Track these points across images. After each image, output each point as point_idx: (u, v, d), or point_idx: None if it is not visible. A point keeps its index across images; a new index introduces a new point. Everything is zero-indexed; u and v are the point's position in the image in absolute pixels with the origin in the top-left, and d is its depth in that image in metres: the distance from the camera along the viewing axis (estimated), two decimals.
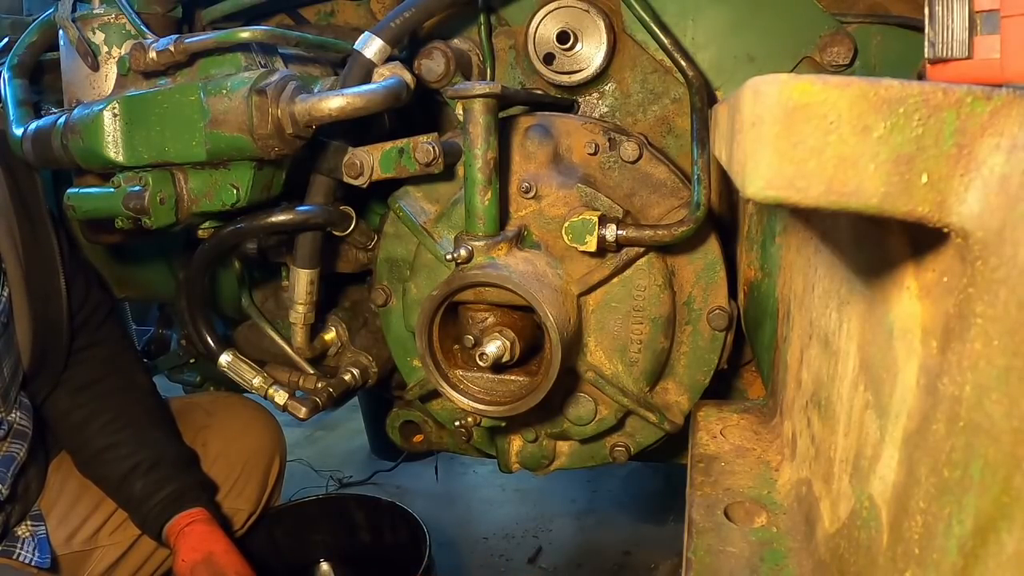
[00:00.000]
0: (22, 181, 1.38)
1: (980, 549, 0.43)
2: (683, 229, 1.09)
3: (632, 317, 1.19)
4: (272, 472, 1.76)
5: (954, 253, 0.46)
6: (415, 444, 1.60)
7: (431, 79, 1.27)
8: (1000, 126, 0.42)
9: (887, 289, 0.56)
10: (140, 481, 1.46)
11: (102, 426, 1.50)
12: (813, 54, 1.23)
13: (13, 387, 1.36)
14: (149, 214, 1.12)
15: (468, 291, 1.05)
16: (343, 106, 1.01)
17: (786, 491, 0.79)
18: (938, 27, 0.57)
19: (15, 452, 1.36)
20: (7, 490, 1.34)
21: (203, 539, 1.43)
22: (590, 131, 1.20)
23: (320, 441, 3.53)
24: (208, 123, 1.06)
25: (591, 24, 1.27)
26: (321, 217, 1.23)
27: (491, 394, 1.10)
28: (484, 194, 1.05)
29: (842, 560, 0.60)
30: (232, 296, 1.60)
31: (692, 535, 0.73)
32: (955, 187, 0.43)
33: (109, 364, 1.56)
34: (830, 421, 0.68)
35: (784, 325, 0.94)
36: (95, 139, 1.12)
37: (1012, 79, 0.54)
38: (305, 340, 1.38)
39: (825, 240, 0.76)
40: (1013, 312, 0.40)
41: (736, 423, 0.98)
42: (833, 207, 0.44)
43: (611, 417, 1.25)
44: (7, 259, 1.31)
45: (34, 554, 1.40)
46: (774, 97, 0.43)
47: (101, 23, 1.22)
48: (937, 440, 0.47)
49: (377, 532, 1.88)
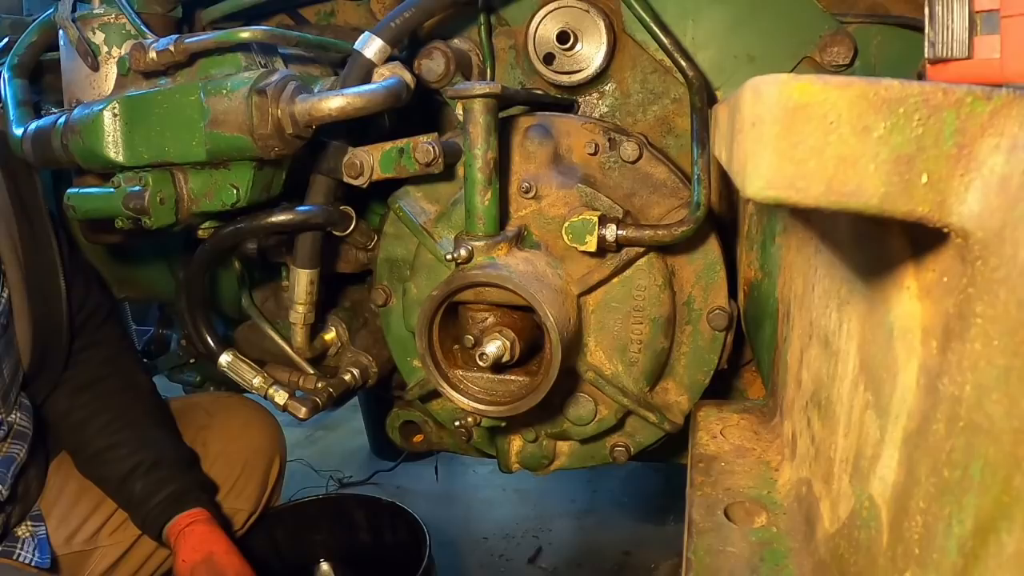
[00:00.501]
0: (22, 182, 1.38)
1: (980, 549, 0.43)
2: (683, 229, 1.09)
3: (632, 317, 1.19)
4: (272, 472, 1.76)
5: (954, 253, 0.46)
6: (415, 444, 1.60)
7: (431, 79, 1.27)
8: (1000, 126, 0.42)
9: (887, 289, 0.56)
10: (140, 481, 1.46)
11: (102, 426, 1.49)
12: (813, 54, 1.23)
13: (13, 388, 1.36)
14: (149, 214, 1.12)
15: (468, 291, 1.05)
16: (343, 106, 1.01)
17: (786, 491, 0.79)
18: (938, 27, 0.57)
19: (15, 453, 1.36)
20: (7, 491, 1.34)
21: (203, 539, 1.43)
22: (590, 131, 1.20)
23: (320, 441, 3.53)
24: (208, 123, 1.06)
25: (591, 24, 1.27)
26: (321, 217, 1.23)
27: (491, 394, 1.10)
28: (484, 194, 1.05)
29: (842, 560, 0.60)
30: (232, 296, 1.60)
31: (692, 535, 0.73)
32: (955, 187, 0.43)
33: (109, 364, 1.56)
34: (830, 421, 0.68)
35: (784, 325, 0.94)
36: (95, 139, 1.12)
37: (1012, 79, 0.54)
38: (305, 340, 1.38)
39: (825, 240, 0.76)
40: (1013, 312, 0.40)
41: (736, 423, 0.98)
42: (833, 207, 0.44)
43: (611, 417, 1.25)
44: (7, 260, 1.31)
45: (34, 554, 1.40)
46: (774, 97, 0.43)
47: (101, 23, 1.22)
48: (937, 440, 0.47)
49: (377, 532, 1.88)
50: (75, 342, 1.50)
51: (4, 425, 1.33)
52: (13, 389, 1.36)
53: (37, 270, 1.37)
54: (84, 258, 1.66)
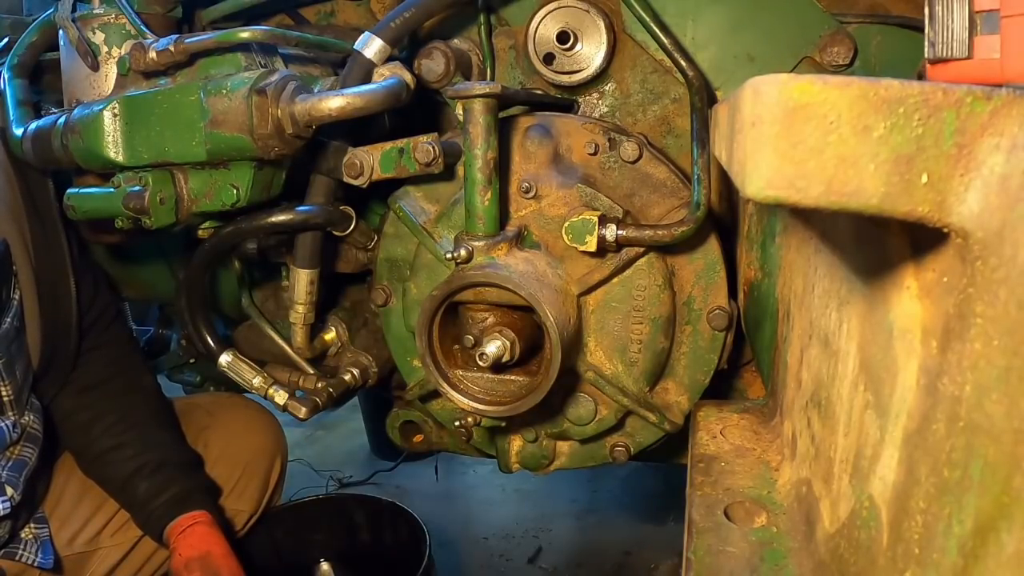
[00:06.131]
0: (33, 184, 1.38)
1: (980, 549, 0.43)
2: (683, 229, 1.09)
3: (632, 317, 1.19)
4: (273, 473, 1.76)
5: (954, 253, 0.46)
6: (415, 444, 1.60)
7: (431, 79, 1.27)
8: (1000, 126, 0.42)
9: (887, 289, 0.56)
10: (144, 483, 1.46)
11: (107, 427, 1.49)
12: (813, 54, 1.23)
13: (25, 389, 1.36)
14: (149, 214, 1.12)
15: (468, 291, 1.05)
16: (343, 106, 1.01)
17: (786, 491, 0.79)
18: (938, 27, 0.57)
19: (27, 456, 1.36)
20: (19, 496, 1.33)
21: (202, 539, 1.43)
22: (590, 131, 1.20)
23: (320, 441, 3.53)
24: (208, 123, 1.06)
25: (591, 24, 1.27)
26: (321, 217, 1.23)
27: (491, 394, 1.10)
28: (484, 194, 1.05)
29: (842, 560, 0.60)
30: (232, 296, 1.60)
31: (692, 535, 0.73)
32: (955, 187, 0.43)
33: (115, 365, 1.56)
34: (830, 421, 0.68)
35: (784, 325, 0.94)
36: (95, 139, 1.12)
37: (1012, 79, 0.54)
38: (305, 340, 1.38)
39: (825, 240, 0.76)
40: (1013, 312, 0.40)
41: (736, 423, 0.98)
42: (833, 207, 0.44)
43: (611, 417, 1.25)
44: (19, 263, 1.31)
45: (37, 555, 1.40)
46: (774, 97, 0.43)
47: (101, 23, 1.22)
48: (937, 440, 0.47)
49: (377, 532, 1.88)
50: (83, 343, 1.49)
51: (17, 428, 1.32)
52: (25, 390, 1.36)
53: (48, 271, 1.37)
54: (93, 259, 1.66)
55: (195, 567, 1.38)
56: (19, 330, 1.31)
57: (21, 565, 1.39)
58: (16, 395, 1.31)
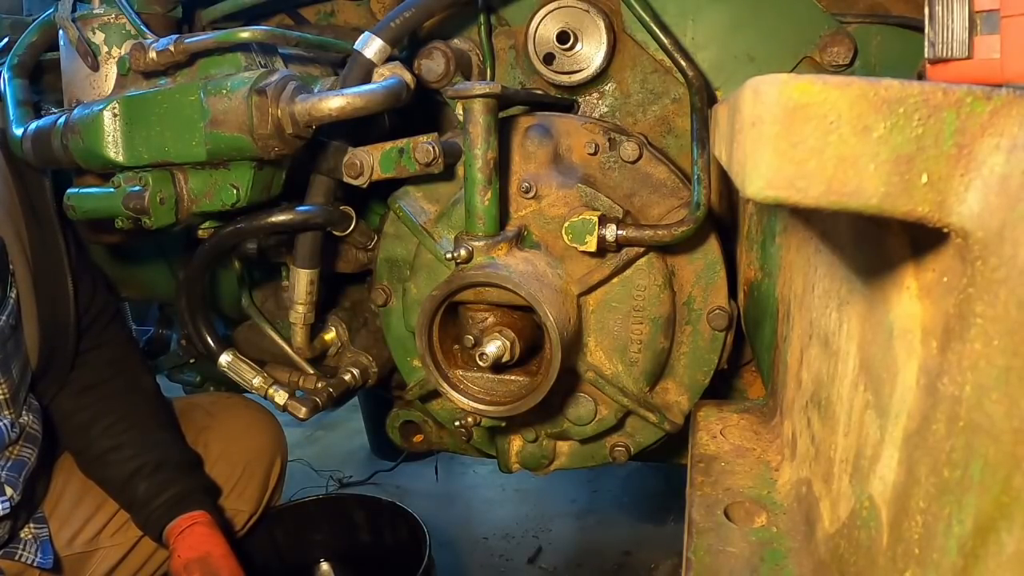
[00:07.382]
0: (31, 184, 1.38)
1: (980, 549, 0.43)
2: (683, 229, 1.09)
3: (632, 317, 1.19)
4: (273, 473, 1.76)
5: (954, 253, 0.46)
6: (415, 444, 1.60)
7: (431, 79, 1.27)
8: (1000, 126, 0.42)
9: (887, 289, 0.56)
10: (144, 483, 1.46)
11: (107, 427, 1.49)
12: (813, 54, 1.23)
13: (23, 388, 1.36)
14: (149, 214, 1.12)
15: (468, 291, 1.05)
16: (343, 106, 1.01)
17: (786, 491, 0.79)
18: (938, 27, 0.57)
19: (27, 457, 1.36)
20: (19, 496, 1.33)
21: (202, 539, 1.43)
22: (590, 131, 1.20)
23: (320, 441, 3.53)
24: (208, 123, 1.06)
25: (591, 24, 1.27)
26: (321, 217, 1.23)
27: (491, 394, 1.10)
28: (484, 194, 1.05)
29: (842, 560, 0.60)
30: (232, 296, 1.60)
31: (692, 535, 0.73)
32: (955, 187, 0.43)
33: (114, 365, 1.56)
34: (830, 421, 0.68)
35: (784, 325, 0.94)
36: (95, 139, 1.12)
37: (1012, 79, 0.54)
38: (305, 340, 1.38)
39: (825, 240, 0.76)
40: (1013, 312, 0.40)
41: (736, 423, 0.98)
42: (833, 207, 0.44)
43: (611, 417, 1.25)
44: (16, 261, 1.31)
45: (36, 555, 1.40)
46: (774, 97, 0.43)
47: (101, 23, 1.22)
48: (937, 440, 0.47)
49: (377, 532, 1.88)
50: (81, 343, 1.49)
51: (16, 427, 1.32)
52: (23, 389, 1.36)
53: (45, 271, 1.37)
54: (91, 259, 1.66)
55: (195, 568, 1.38)
56: (15, 328, 1.31)
57: (21, 565, 1.39)
58: (12, 394, 1.31)
